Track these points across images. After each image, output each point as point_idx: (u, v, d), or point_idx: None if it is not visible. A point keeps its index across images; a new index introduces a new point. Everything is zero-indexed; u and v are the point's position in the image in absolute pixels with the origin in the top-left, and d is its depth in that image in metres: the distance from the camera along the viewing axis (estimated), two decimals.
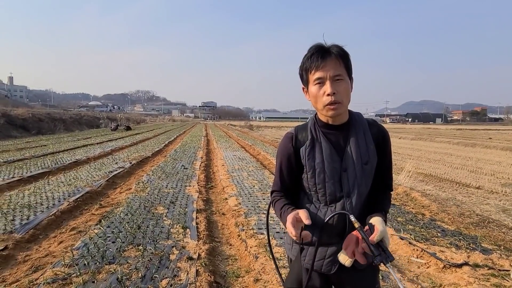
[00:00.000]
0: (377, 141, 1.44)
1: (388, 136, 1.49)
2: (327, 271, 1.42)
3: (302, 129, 1.51)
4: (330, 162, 1.40)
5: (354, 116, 1.46)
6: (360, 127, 1.43)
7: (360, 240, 1.27)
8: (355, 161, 1.39)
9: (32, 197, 5.96)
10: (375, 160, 1.43)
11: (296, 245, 1.52)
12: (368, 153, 1.40)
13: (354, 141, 1.40)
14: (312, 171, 1.42)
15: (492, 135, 32.49)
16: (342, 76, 1.34)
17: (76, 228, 4.65)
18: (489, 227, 4.90)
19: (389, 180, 1.53)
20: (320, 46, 1.37)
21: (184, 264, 3.38)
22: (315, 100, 1.39)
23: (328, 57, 1.34)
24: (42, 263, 3.54)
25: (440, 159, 13.77)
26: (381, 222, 1.29)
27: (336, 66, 1.34)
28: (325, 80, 1.33)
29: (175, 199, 6.01)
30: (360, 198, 1.39)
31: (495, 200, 7.06)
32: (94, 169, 9.06)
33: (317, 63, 1.34)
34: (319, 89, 1.35)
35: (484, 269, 3.40)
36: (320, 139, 1.43)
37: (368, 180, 1.42)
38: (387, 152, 1.48)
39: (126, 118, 50.74)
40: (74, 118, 35.23)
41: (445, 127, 70.39)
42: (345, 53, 1.37)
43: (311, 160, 1.42)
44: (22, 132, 23.38)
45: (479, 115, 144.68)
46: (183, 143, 17.97)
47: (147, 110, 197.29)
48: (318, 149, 1.42)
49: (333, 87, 1.32)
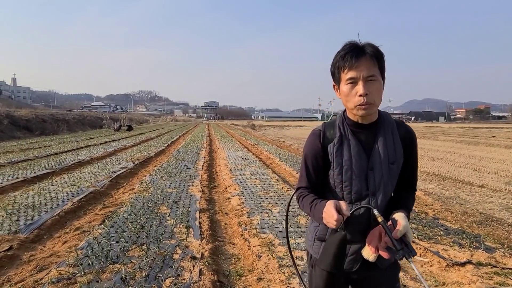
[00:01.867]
0: (405, 142, 1.45)
1: (415, 137, 1.49)
2: (349, 269, 1.43)
3: (330, 126, 1.51)
4: (357, 160, 1.40)
5: (382, 116, 1.46)
6: (389, 127, 1.44)
7: (383, 235, 1.27)
8: (382, 161, 1.39)
9: (36, 197, 6.00)
10: (402, 160, 1.43)
11: (318, 241, 1.53)
12: (395, 153, 1.41)
13: (382, 141, 1.41)
14: (339, 168, 1.42)
15: (495, 133, 32.33)
16: (376, 76, 1.33)
17: (80, 228, 4.68)
18: (493, 226, 4.89)
19: (414, 180, 1.53)
20: (354, 45, 1.35)
21: (187, 264, 3.40)
22: (346, 99, 1.38)
23: (362, 57, 1.32)
24: (46, 263, 3.57)
25: (443, 158, 13.72)
26: (404, 217, 1.29)
27: (370, 66, 1.32)
28: (358, 80, 1.32)
29: (178, 199, 6.03)
30: (385, 197, 1.41)
31: (499, 198, 7.03)
32: (98, 170, 9.10)
33: (350, 63, 1.32)
34: (351, 89, 1.34)
35: (487, 267, 3.40)
36: (348, 137, 1.43)
37: (393, 180, 1.43)
38: (414, 152, 1.48)
39: (128, 118, 50.89)
40: (77, 119, 35.35)
41: (448, 125, 70.14)
42: (380, 53, 1.35)
43: (339, 157, 1.42)
44: (26, 133, 23.49)
45: (482, 113, 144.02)
46: (185, 143, 18.00)
47: (150, 110, 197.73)
48: (346, 147, 1.43)
49: (365, 87, 1.31)
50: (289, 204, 1.77)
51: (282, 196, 6.28)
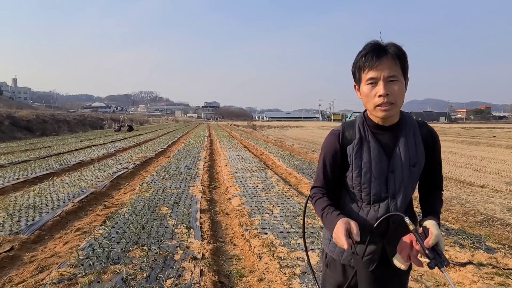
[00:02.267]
0: (426, 143, 1.42)
1: (437, 137, 1.46)
2: None
3: (349, 127, 1.48)
4: (377, 163, 1.38)
5: (404, 117, 1.43)
6: (410, 128, 1.41)
7: (414, 243, 1.26)
8: (403, 163, 1.37)
9: (37, 198, 6.01)
10: (423, 162, 1.41)
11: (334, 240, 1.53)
12: (416, 155, 1.39)
13: (404, 143, 1.38)
14: (358, 170, 1.40)
15: (496, 133, 32.29)
16: (397, 77, 1.30)
17: (81, 228, 4.69)
18: (494, 226, 4.89)
19: (439, 181, 1.51)
20: (376, 44, 1.33)
21: (188, 264, 3.40)
22: (366, 100, 1.36)
23: (384, 57, 1.29)
24: (47, 264, 3.57)
25: (444, 158, 13.70)
26: (435, 225, 1.27)
27: (392, 66, 1.29)
28: (378, 80, 1.30)
29: (179, 200, 6.04)
30: (405, 199, 1.39)
31: (500, 199, 7.03)
32: (98, 170, 9.11)
33: (371, 62, 1.29)
34: (371, 89, 1.32)
35: (488, 267, 3.40)
36: (368, 139, 1.41)
37: (414, 182, 1.41)
38: (437, 153, 1.46)
39: (129, 118, 50.90)
40: (78, 119, 35.37)
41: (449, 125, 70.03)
42: (402, 53, 1.32)
43: (358, 159, 1.41)
44: (27, 134, 23.51)
45: (483, 113, 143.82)
46: (186, 143, 18.01)
47: (150, 110, 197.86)
48: (366, 149, 1.40)
49: (386, 88, 1.28)
50: (306, 204, 1.74)
51: (283, 197, 6.28)
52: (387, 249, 1.39)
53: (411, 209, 1.45)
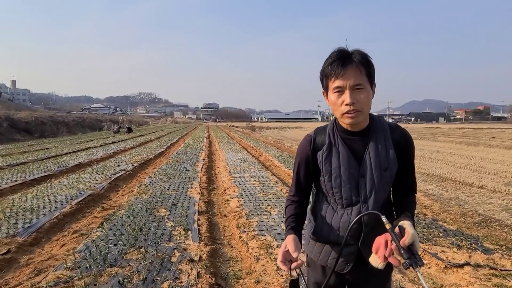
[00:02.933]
0: (399, 146, 1.42)
1: (411, 140, 1.45)
2: (340, 270, 1.45)
3: (321, 132, 1.50)
4: (347, 168, 1.39)
5: (375, 121, 1.44)
6: (381, 133, 1.41)
7: (389, 243, 1.25)
8: (374, 168, 1.37)
9: (35, 200, 5.99)
10: (396, 167, 1.40)
11: (312, 241, 1.54)
12: (387, 159, 1.38)
13: (374, 147, 1.39)
14: (328, 175, 1.42)
15: (495, 133, 32.33)
16: (363, 85, 1.31)
17: (79, 231, 4.67)
18: (491, 227, 4.89)
19: (413, 184, 1.50)
20: (342, 52, 1.34)
21: (185, 266, 3.40)
22: (334, 107, 1.37)
23: (349, 65, 1.30)
24: (44, 266, 3.56)
25: (443, 159, 13.71)
26: (411, 225, 1.27)
27: (357, 74, 1.30)
28: (345, 89, 1.31)
29: (177, 201, 6.03)
30: (376, 203, 1.39)
31: (498, 199, 7.03)
32: (97, 172, 9.09)
33: (337, 71, 1.30)
34: (338, 98, 1.33)
35: (485, 269, 3.39)
36: (338, 144, 1.42)
37: (386, 186, 1.41)
38: (410, 157, 1.45)
39: (128, 120, 50.86)
40: (76, 121, 35.33)
41: (448, 126, 70.16)
42: (367, 60, 1.33)
43: (327, 165, 1.42)
44: (25, 135, 23.48)
45: (482, 113, 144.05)
46: (185, 145, 18.00)
47: (150, 112, 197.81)
48: (335, 154, 1.42)
49: (352, 96, 1.30)
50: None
51: (281, 198, 6.27)
52: (362, 251, 1.41)
53: (388, 212, 1.44)
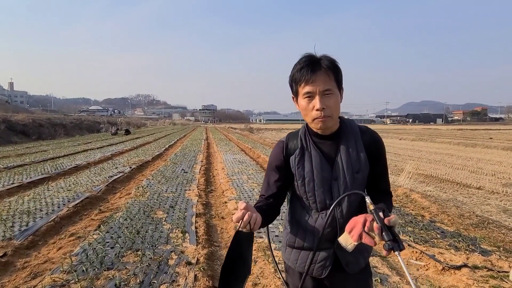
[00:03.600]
0: (369, 149, 1.43)
1: (381, 142, 1.47)
2: (318, 275, 1.43)
3: (293, 137, 1.51)
4: (319, 172, 1.40)
5: (345, 125, 1.45)
6: (351, 136, 1.43)
7: (368, 223, 1.19)
8: (346, 171, 1.38)
9: (32, 203, 5.96)
10: (367, 169, 1.42)
11: (288, 248, 1.52)
12: (359, 161, 1.40)
13: (345, 150, 1.40)
14: (301, 179, 1.43)
15: (493, 135, 32.45)
16: (332, 90, 1.33)
17: (75, 234, 4.65)
18: (489, 228, 4.89)
19: (386, 186, 1.51)
20: (310, 59, 1.35)
21: (182, 269, 3.38)
22: (304, 113, 1.39)
23: (318, 71, 1.32)
24: (41, 270, 3.54)
25: (441, 160, 13.75)
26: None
27: (326, 80, 1.32)
28: (315, 94, 1.32)
29: (175, 203, 6.01)
30: (350, 207, 1.40)
31: (496, 200, 7.05)
32: (94, 174, 9.07)
33: (307, 77, 1.32)
34: (308, 103, 1.35)
35: (483, 270, 3.39)
36: (310, 148, 1.44)
37: (359, 189, 1.40)
38: (381, 159, 1.46)
39: (126, 122, 50.83)
40: (74, 123, 35.25)
41: (445, 127, 70.33)
42: (335, 66, 1.35)
43: (300, 169, 1.43)
44: (23, 138, 23.40)
45: (479, 115, 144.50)
46: (183, 146, 17.98)
47: (148, 114, 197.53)
48: (307, 158, 1.43)
49: (322, 102, 1.31)
50: None
51: None
52: (338, 255, 1.40)
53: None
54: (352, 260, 1.41)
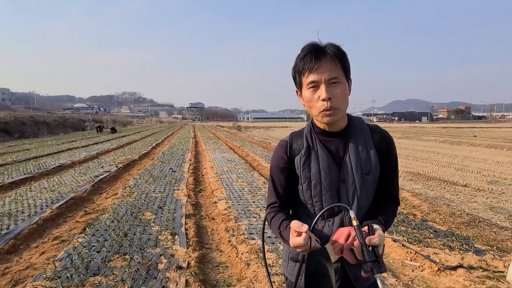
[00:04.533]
0: (380, 148, 1.32)
1: (392, 142, 1.36)
2: None
3: (297, 136, 1.38)
4: (327, 173, 1.28)
5: (354, 122, 1.34)
6: (361, 134, 1.32)
7: (351, 238, 1.12)
8: (355, 171, 1.27)
9: (13, 204, 5.72)
10: (378, 170, 1.31)
11: (291, 262, 1.40)
12: (369, 162, 1.28)
13: (354, 149, 1.28)
14: (307, 182, 1.30)
15: (476, 132, 33.06)
16: (339, 78, 1.22)
17: (59, 237, 4.46)
18: (480, 227, 4.90)
19: (394, 191, 1.40)
20: (314, 46, 1.24)
21: (173, 274, 3.25)
22: (309, 105, 1.27)
23: (323, 58, 1.21)
24: (22, 276, 3.36)
25: (428, 158, 13.88)
26: (381, 229, 1.17)
27: (332, 68, 1.21)
28: (320, 83, 1.21)
29: (163, 204, 5.86)
30: (360, 212, 1.28)
31: (482, 198, 7.10)
32: (79, 174, 8.81)
33: (310, 65, 1.21)
34: (313, 94, 1.23)
35: (478, 271, 3.37)
36: (316, 148, 1.31)
37: (369, 192, 1.30)
38: (392, 160, 1.35)
39: (112, 120, 49.99)
40: (58, 121, 34.48)
41: (431, 125, 71.47)
42: (342, 53, 1.24)
43: (306, 171, 1.30)
44: (4, 136, 22.75)
45: (463, 113, 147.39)
46: (171, 145, 17.73)
47: (134, 112, 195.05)
48: (314, 159, 1.30)
49: (328, 91, 1.20)
50: (264, 227, 1.54)
51: None
52: (347, 269, 1.28)
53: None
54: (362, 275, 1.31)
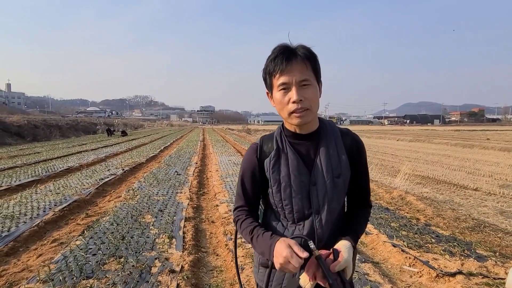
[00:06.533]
0: (351, 152, 1.30)
1: (362, 146, 1.35)
2: None
3: (268, 139, 1.37)
4: (297, 176, 1.25)
5: (325, 125, 1.32)
6: (332, 137, 1.29)
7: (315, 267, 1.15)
8: (325, 174, 1.24)
9: (17, 207, 5.80)
10: (348, 173, 1.29)
11: (262, 268, 1.36)
12: (340, 165, 1.26)
13: (325, 152, 1.26)
14: (277, 185, 1.28)
15: (490, 135, 32.39)
16: (310, 81, 1.20)
17: (58, 239, 4.49)
18: (485, 232, 4.76)
19: (366, 194, 1.38)
20: (285, 47, 1.23)
21: (165, 278, 3.23)
22: (280, 107, 1.25)
23: (293, 60, 1.19)
24: (17, 279, 3.38)
25: (438, 161, 13.64)
26: (348, 248, 1.16)
27: (303, 69, 1.19)
28: (291, 85, 1.19)
29: (164, 207, 5.86)
30: (331, 215, 1.25)
31: (493, 202, 6.92)
32: (85, 177, 8.90)
33: (281, 67, 1.19)
34: (284, 96, 1.21)
35: (478, 277, 3.26)
36: (286, 150, 1.29)
37: (340, 195, 1.28)
38: (362, 164, 1.34)
39: (123, 123, 50.58)
40: (70, 125, 34.99)
41: (443, 128, 70.37)
42: (312, 55, 1.23)
43: (276, 173, 1.28)
44: (17, 139, 23.18)
45: (476, 116, 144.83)
46: (178, 148, 17.82)
47: (146, 115, 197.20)
48: (284, 161, 1.28)
49: (299, 93, 1.18)
50: (236, 232, 1.49)
51: None
52: None
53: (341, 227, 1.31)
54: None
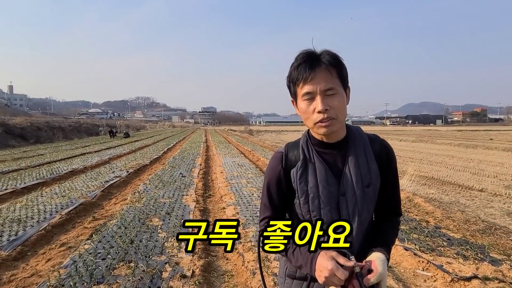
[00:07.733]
0: (380, 159, 1.25)
1: (392, 153, 1.30)
2: None
3: (293, 147, 1.32)
4: (325, 186, 1.21)
5: (353, 132, 1.27)
6: (360, 144, 1.25)
7: (353, 275, 1.09)
8: (355, 184, 1.20)
9: (23, 210, 5.78)
10: (378, 182, 1.24)
11: (288, 279, 1.32)
12: (370, 174, 1.22)
13: (354, 161, 1.21)
14: (305, 196, 1.23)
15: (493, 135, 32.26)
16: (335, 89, 1.15)
17: (66, 243, 4.46)
18: (496, 235, 4.72)
19: (396, 203, 1.33)
20: (308, 54, 1.18)
21: (177, 283, 3.20)
22: (305, 117, 1.20)
23: (317, 67, 1.14)
24: (27, 284, 3.36)
25: (442, 162, 13.57)
26: (383, 261, 1.11)
27: (328, 77, 1.14)
28: (315, 95, 1.14)
29: (171, 210, 5.83)
30: (361, 226, 1.21)
31: (499, 203, 6.87)
32: (90, 179, 8.88)
33: (305, 75, 1.14)
34: (309, 105, 1.16)
35: (494, 282, 3.22)
36: (313, 160, 1.24)
37: (370, 205, 1.23)
38: (392, 171, 1.29)
39: (125, 125, 50.65)
40: (73, 126, 35.04)
41: (445, 128, 70.19)
42: (338, 61, 1.17)
43: (303, 184, 1.23)
44: (20, 141, 23.21)
45: (479, 116, 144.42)
46: (182, 149, 17.80)
47: (147, 116, 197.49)
48: (311, 171, 1.23)
49: (324, 103, 1.13)
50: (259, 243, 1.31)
51: None
52: None
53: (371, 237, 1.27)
54: None
